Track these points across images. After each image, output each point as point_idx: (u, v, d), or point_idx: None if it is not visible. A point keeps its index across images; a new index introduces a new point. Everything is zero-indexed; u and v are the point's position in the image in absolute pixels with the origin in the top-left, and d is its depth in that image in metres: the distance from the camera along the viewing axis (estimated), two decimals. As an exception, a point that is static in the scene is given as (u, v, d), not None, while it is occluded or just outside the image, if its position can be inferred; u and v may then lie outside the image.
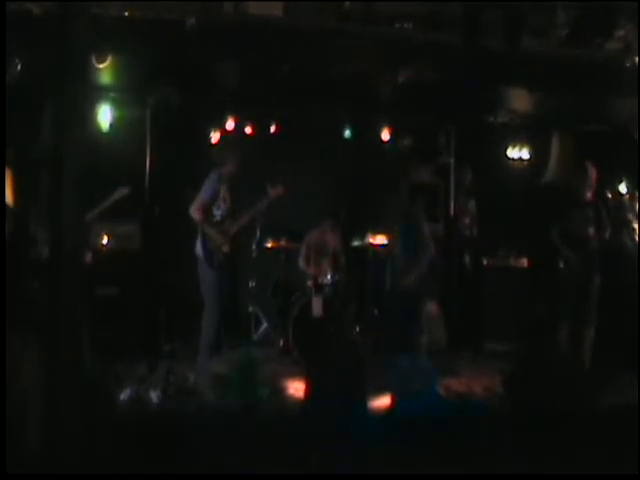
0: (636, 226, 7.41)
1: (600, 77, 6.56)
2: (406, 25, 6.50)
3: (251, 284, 7.73)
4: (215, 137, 7.80)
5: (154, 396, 5.66)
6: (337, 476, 4.41)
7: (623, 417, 5.39)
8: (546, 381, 5.69)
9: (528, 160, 8.77)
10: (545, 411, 5.43)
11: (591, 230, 6.70)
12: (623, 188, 7.72)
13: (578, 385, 5.79)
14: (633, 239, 7.32)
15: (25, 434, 4.19)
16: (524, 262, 8.23)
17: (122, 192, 6.27)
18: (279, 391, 6.19)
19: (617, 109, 7.41)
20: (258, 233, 7.63)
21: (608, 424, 5.28)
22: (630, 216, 7.41)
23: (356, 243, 7.28)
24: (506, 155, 8.79)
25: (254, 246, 7.63)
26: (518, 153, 8.77)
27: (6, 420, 4.10)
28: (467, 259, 8.25)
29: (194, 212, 6.17)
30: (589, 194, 6.75)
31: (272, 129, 8.05)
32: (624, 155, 7.55)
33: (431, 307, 7.54)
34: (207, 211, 6.20)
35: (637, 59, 6.00)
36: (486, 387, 6.48)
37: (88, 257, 5.77)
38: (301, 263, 8.01)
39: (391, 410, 5.69)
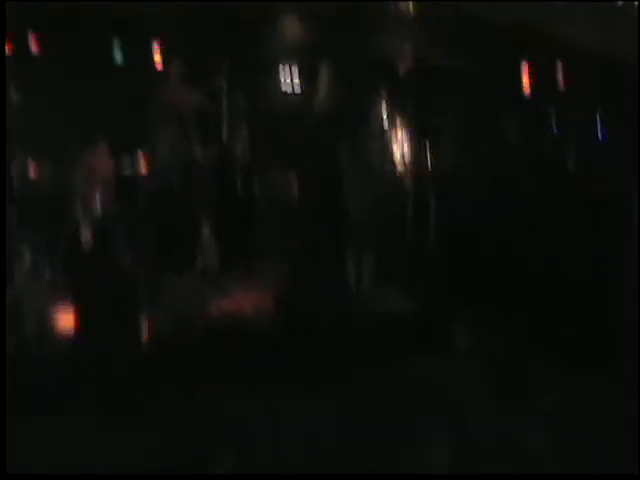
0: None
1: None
2: None
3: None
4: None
5: None
6: (337, 476, 4.49)
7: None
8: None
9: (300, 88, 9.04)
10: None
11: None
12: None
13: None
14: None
15: None
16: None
17: None
18: (50, 328, 6.09)
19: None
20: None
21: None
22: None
23: (127, 171, 7.16)
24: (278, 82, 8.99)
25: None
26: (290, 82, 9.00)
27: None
28: (239, 183, 8.43)
29: None
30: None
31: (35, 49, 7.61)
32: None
33: (204, 230, 7.69)
34: None
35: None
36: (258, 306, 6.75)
37: None
38: (77, 185, 7.66)
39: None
